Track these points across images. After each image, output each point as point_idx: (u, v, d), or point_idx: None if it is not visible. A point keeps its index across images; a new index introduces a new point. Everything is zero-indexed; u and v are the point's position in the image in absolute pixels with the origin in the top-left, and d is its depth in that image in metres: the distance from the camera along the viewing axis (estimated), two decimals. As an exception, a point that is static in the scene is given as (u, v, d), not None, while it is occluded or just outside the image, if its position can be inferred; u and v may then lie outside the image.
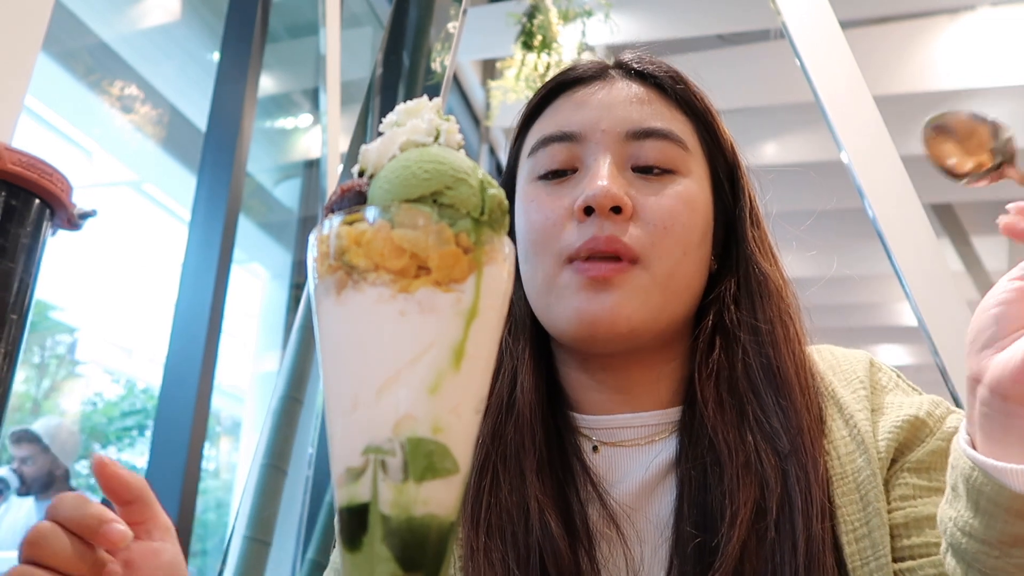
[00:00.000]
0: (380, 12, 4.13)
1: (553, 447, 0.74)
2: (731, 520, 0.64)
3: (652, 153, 0.72)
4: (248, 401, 4.92)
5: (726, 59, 4.81)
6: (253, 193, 4.44)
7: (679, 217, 0.70)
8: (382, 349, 0.42)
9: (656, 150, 0.72)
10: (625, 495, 0.72)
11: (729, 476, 0.66)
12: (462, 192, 0.43)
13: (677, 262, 0.70)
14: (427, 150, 0.45)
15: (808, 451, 0.66)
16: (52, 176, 0.60)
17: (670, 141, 0.73)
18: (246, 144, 2.42)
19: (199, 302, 2.16)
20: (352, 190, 0.46)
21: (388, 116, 0.48)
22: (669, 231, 0.70)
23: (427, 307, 0.41)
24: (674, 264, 0.70)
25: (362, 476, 0.41)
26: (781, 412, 0.67)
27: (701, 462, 0.69)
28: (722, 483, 0.66)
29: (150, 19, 3.88)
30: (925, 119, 0.62)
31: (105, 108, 3.81)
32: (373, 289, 0.42)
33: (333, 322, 0.44)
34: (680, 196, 0.71)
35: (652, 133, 0.73)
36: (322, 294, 0.44)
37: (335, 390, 0.44)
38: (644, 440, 0.74)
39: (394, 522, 0.41)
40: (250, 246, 4.72)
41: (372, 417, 0.41)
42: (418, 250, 0.41)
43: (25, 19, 1.11)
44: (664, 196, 0.71)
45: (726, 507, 0.65)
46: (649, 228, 0.70)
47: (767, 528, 0.64)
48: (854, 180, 1.66)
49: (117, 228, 4.29)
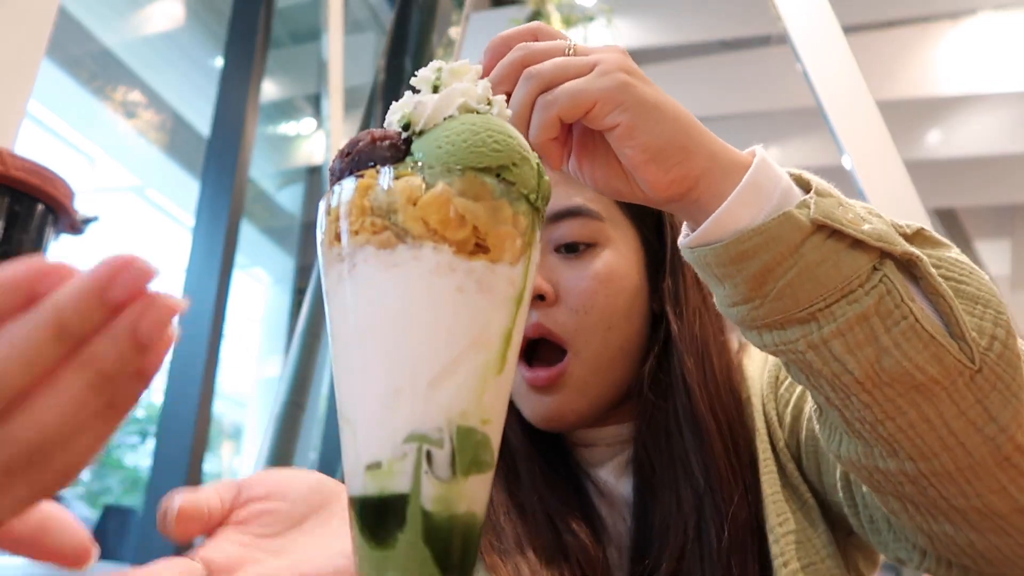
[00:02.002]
0: (382, 18, 4.14)
1: (549, 455, 0.78)
2: (659, 550, 0.69)
3: (571, 231, 0.74)
4: (251, 406, 4.93)
5: (728, 64, 4.81)
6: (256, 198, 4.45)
7: (597, 297, 0.73)
8: (440, 329, 0.37)
9: (574, 228, 0.74)
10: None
11: (660, 509, 0.71)
12: (524, 172, 0.40)
13: (603, 340, 0.74)
14: (492, 119, 0.41)
15: (727, 489, 0.69)
16: (55, 182, 0.60)
17: (584, 217, 0.75)
18: (249, 149, 2.42)
19: (202, 307, 2.16)
20: (387, 140, 0.41)
21: (422, 71, 0.44)
22: (590, 312, 0.73)
23: (485, 286, 0.38)
24: (600, 343, 0.74)
25: (399, 466, 0.37)
26: (700, 451, 0.71)
27: (647, 495, 0.73)
28: (657, 514, 0.71)
29: (153, 25, 3.89)
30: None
31: (108, 114, 3.82)
32: (432, 257, 0.37)
33: (370, 291, 0.38)
34: (598, 275, 0.74)
35: (565, 214, 0.74)
36: (354, 257, 0.38)
37: (368, 369, 0.38)
38: (608, 455, 0.78)
39: (436, 519, 0.37)
40: (253, 251, 4.73)
41: (421, 403, 0.37)
42: (479, 224, 0.38)
43: (29, 25, 1.12)
44: (584, 278, 0.74)
45: (661, 540, 0.70)
46: (572, 311, 0.73)
47: (690, 564, 0.68)
48: (856, 185, 1.66)
49: (120, 233, 4.30)
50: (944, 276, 0.51)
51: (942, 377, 0.49)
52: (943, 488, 0.53)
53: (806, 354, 0.52)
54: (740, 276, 0.51)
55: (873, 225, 0.51)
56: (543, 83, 0.51)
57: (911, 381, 0.50)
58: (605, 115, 0.50)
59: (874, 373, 0.50)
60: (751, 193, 0.51)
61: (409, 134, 0.41)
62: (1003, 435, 0.50)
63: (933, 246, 0.54)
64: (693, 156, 0.51)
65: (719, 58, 4.87)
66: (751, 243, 0.50)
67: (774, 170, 0.53)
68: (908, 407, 0.51)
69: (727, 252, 0.51)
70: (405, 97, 0.43)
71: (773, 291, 0.51)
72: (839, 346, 0.50)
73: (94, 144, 4.05)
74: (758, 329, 0.54)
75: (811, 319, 0.51)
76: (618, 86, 0.50)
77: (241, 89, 2.46)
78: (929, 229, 0.54)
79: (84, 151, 4.02)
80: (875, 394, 0.51)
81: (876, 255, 0.50)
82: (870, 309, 0.49)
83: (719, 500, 0.69)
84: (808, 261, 0.50)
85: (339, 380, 0.40)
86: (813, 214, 0.50)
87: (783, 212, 0.50)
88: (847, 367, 0.50)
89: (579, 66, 0.51)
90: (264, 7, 2.59)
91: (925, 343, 0.49)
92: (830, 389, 0.53)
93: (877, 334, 0.50)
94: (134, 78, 3.82)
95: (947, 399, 0.50)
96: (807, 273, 0.50)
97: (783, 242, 0.50)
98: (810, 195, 0.51)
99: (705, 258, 0.53)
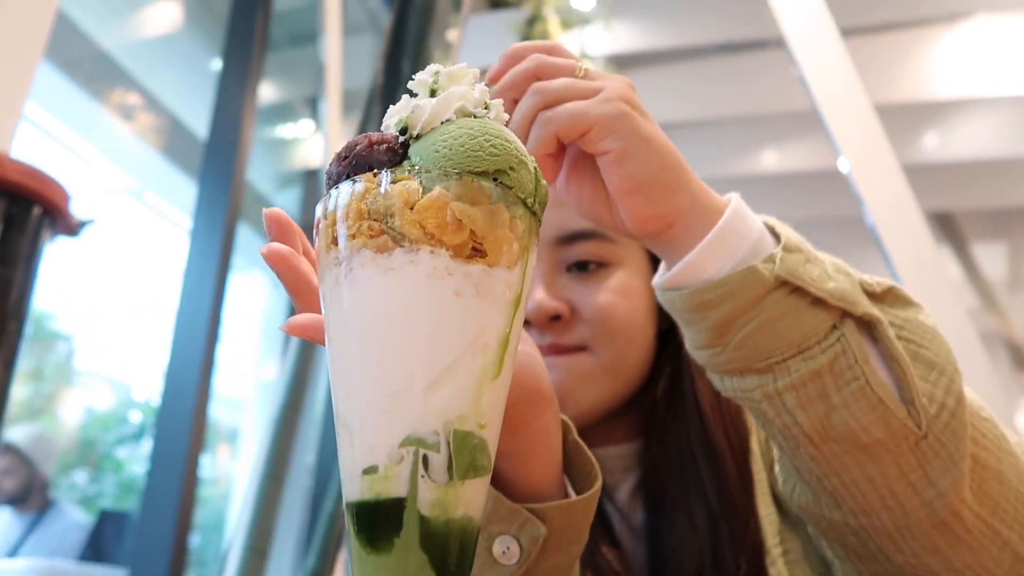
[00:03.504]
0: (380, 20, 4.14)
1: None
2: (676, 569, 0.69)
3: (584, 250, 0.76)
4: (248, 410, 4.92)
5: (725, 67, 4.82)
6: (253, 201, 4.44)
7: (616, 309, 0.74)
8: (437, 332, 0.37)
9: (586, 248, 0.75)
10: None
11: (675, 534, 0.71)
12: (522, 176, 0.40)
13: (622, 349, 0.74)
14: (489, 123, 0.41)
15: (742, 513, 0.70)
16: (52, 185, 0.60)
17: (597, 239, 0.76)
18: (246, 152, 2.42)
19: (199, 310, 2.16)
20: (384, 144, 0.41)
21: (420, 75, 0.44)
22: (608, 323, 0.74)
23: (482, 290, 0.38)
24: (619, 352, 0.74)
25: (395, 470, 0.37)
26: (714, 475, 0.72)
27: (660, 520, 0.73)
28: (671, 536, 0.71)
29: (151, 28, 3.89)
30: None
31: (106, 116, 3.82)
32: (429, 261, 0.37)
33: (367, 295, 0.38)
34: (614, 290, 0.74)
35: (578, 236, 0.75)
36: (351, 261, 0.38)
37: (364, 373, 0.38)
38: (619, 479, 0.78)
39: (433, 524, 0.36)
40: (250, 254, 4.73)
41: (418, 407, 0.37)
42: (476, 228, 0.38)
43: (26, 28, 1.12)
44: (600, 291, 0.74)
45: (678, 562, 0.70)
46: (589, 324, 0.73)
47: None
48: (853, 188, 1.66)
49: (118, 236, 4.29)
50: (905, 339, 0.53)
51: (887, 439, 0.51)
52: (882, 543, 0.54)
53: (761, 403, 0.53)
54: (704, 323, 0.53)
55: (838, 284, 0.52)
56: (547, 99, 0.52)
57: (857, 440, 0.51)
58: (600, 140, 0.51)
59: (822, 428, 0.51)
60: (721, 242, 0.52)
61: (406, 138, 0.42)
62: (941, 500, 0.51)
63: (902, 306, 0.55)
64: (676, 194, 0.52)
65: (716, 61, 4.88)
66: (715, 293, 0.51)
67: (748, 219, 0.54)
68: (852, 464, 0.52)
69: (692, 299, 0.52)
70: (402, 100, 0.43)
71: (733, 341, 0.52)
72: (791, 399, 0.51)
73: (91, 147, 4.05)
74: (720, 374, 0.55)
75: (768, 370, 0.52)
76: (617, 114, 0.51)
77: (239, 92, 2.45)
78: (900, 287, 0.56)
79: (81, 154, 4.02)
80: (822, 448, 0.52)
81: (837, 314, 0.51)
82: (824, 367, 0.50)
83: (734, 525, 0.69)
84: (769, 315, 0.51)
85: (336, 384, 0.40)
86: (777, 270, 0.51)
87: (748, 266, 0.51)
88: (797, 420, 0.51)
89: (584, 89, 0.52)
90: (262, 10, 2.58)
91: (873, 405, 0.50)
92: (781, 439, 0.54)
93: (828, 392, 0.51)
94: (131, 81, 3.82)
95: (890, 461, 0.51)
96: (767, 327, 0.51)
97: (745, 295, 0.51)
98: (777, 249, 0.52)
99: (673, 302, 0.54)
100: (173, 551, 1.85)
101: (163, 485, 1.97)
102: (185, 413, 2.04)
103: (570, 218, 0.75)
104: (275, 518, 1.93)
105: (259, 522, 1.89)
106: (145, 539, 1.86)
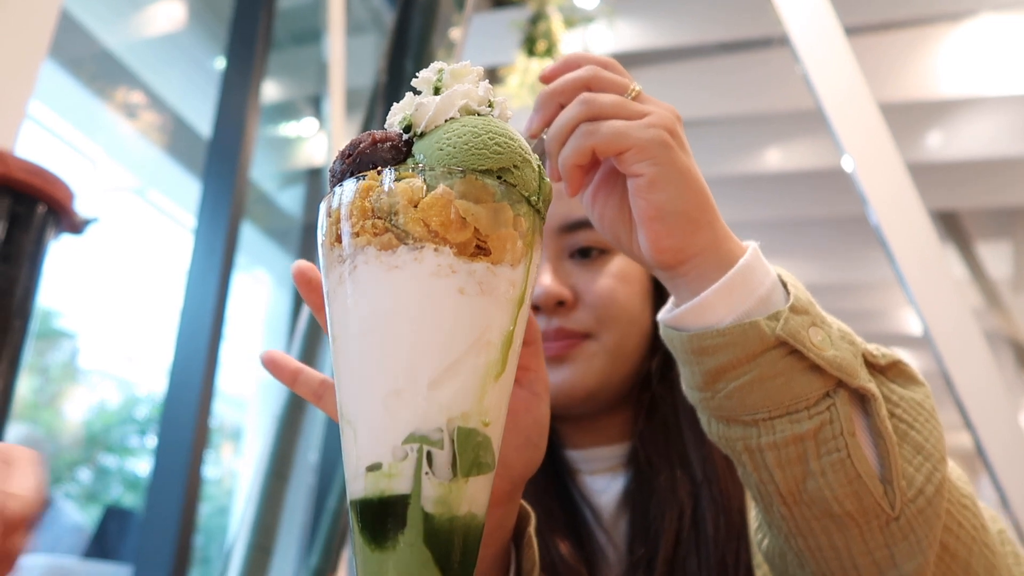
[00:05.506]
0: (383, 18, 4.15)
1: (550, 475, 0.79)
2: (655, 537, 0.70)
3: (586, 238, 0.78)
4: (251, 407, 4.93)
5: (729, 66, 4.81)
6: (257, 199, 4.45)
7: (617, 294, 0.76)
8: (441, 330, 0.37)
9: (588, 236, 0.77)
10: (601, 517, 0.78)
11: (656, 500, 0.72)
12: (526, 174, 0.40)
13: (625, 332, 0.77)
14: (493, 121, 0.41)
15: (723, 481, 0.71)
16: (56, 183, 0.60)
17: None
18: (250, 150, 2.42)
19: (203, 308, 2.16)
20: (388, 142, 0.40)
21: (423, 73, 0.44)
22: (610, 307, 0.76)
23: (486, 288, 0.38)
24: (621, 335, 0.76)
25: (399, 468, 0.36)
26: (699, 445, 0.73)
27: (643, 488, 0.75)
28: (655, 506, 0.73)
29: (155, 27, 3.89)
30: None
31: (110, 115, 3.83)
32: (433, 259, 0.37)
33: (371, 293, 0.38)
34: (615, 275, 0.77)
35: (582, 224, 0.77)
36: (355, 259, 0.38)
37: (368, 370, 0.38)
38: (606, 471, 0.79)
39: (437, 521, 0.36)
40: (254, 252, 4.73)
41: (421, 404, 0.36)
42: (480, 226, 0.37)
43: (30, 26, 1.12)
44: (602, 276, 0.77)
45: (657, 527, 0.71)
46: (592, 308, 0.76)
47: (686, 550, 0.70)
48: (857, 187, 1.66)
49: (122, 234, 4.30)
50: (898, 417, 0.53)
51: (858, 514, 0.51)
52: None
53: (742, 455, 0.54)
54: (698, 368, 0.53)
55: (839, 352, 0.52)
56: (593, 111, 0.52)
57: (828, 509, 0.51)
58: (635, 162, 0.51)
59: (797, 491, 0.52)
60: (729, 291, 0.53)
61: (410, 136, 0.41)
62: None
63: (904, 382, 0.55)
64: (698, 231, 0.52)
65: (720, 60, 4.87)
66: (714, 341, 0.52)
67: (760, 272, 0.54)
68: (820, 531, 0.52)
69: (691, 343, 0.53)
70: (406, 99, 0.43)
71: (724, 390, 0.52)
72: (771, 458, 0.52)
73: (95, 145, 4.05)
74: (707, 416, 0.56)
75: (753, 424, 0.52)
76: (658, 141, 0.51)
77: (242, 90, 2.46)
78: (906, 363, 0.56)
79: (85, 152, 4.03)
80: (794, 510, 0.53)
81: (832, 382, 0.51)
82: (808, 433, 0.51)
83: (716, 491, 0.71)
84: (763, 372, 0.51)
85: (340, 381, 0.40)
86: (779, 329, 0.51)
87: (750, 320, 0.51)
88: (774, 477, 0.52)
89: (632, 111, 0.53)
90: (265, 8, 2.59)
91: (851, 479, 0.51)
92: (757, 492, 0.55)
93: (808, 457, 0.51)
94: (135, 79, 3.82)
95: (858, 535, 0.52)
96: (759, 383, 0.51)
97: (743, 349, 0.51)
98: (784, 308, 0.52)
99: (672, 340, 0.55)
100: (177, 548, 1.86)
101: (167, 482, 1.97)
102: (189, 411, 2.04)
103: (571, 206, 0.77)
104: (279, 515, 1.93)
105: (263, 519, 1.89)
106: (149, 536, 1.87)
